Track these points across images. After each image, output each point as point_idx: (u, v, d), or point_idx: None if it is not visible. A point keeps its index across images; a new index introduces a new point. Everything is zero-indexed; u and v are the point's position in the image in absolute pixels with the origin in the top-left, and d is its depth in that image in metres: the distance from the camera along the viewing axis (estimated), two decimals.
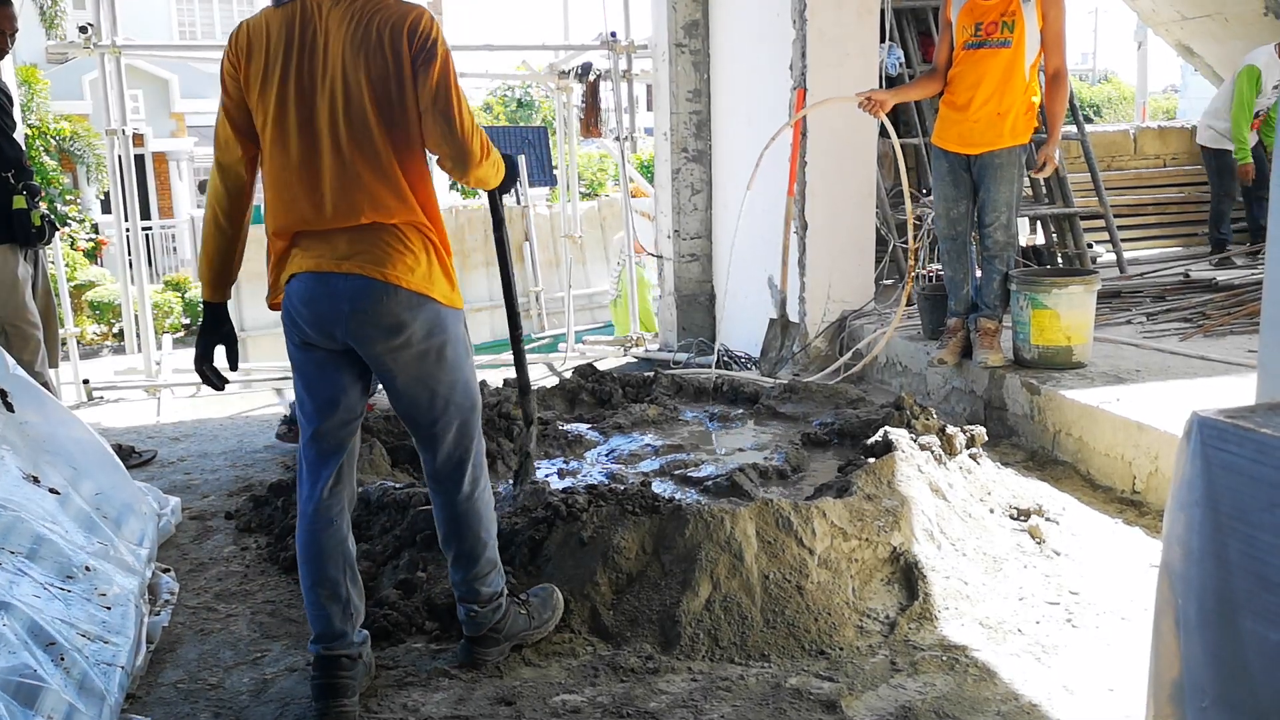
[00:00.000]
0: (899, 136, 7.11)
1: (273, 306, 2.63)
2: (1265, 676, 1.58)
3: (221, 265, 2.65)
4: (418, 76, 2.44)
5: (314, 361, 2.59)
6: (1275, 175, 2.46)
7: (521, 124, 24.16)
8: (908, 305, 5.78)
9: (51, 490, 3.10)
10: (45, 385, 4.29)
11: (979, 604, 3.05)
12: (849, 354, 5.78)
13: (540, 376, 6.69)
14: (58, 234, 4.59)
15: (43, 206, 4.41)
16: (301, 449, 2.65)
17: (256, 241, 2.67)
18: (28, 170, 4.42)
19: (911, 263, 5.67)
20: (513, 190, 3.07)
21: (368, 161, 2.45)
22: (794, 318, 6.03)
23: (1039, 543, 3.43)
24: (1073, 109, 7.12)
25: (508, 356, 8.98)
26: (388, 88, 2.44)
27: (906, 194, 5.54)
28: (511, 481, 3.50)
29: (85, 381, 6.68)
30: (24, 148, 4.52)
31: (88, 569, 2.84)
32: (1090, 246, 7.28)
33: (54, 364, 4.66)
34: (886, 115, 5.04)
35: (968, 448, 3.85)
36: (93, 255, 17.48)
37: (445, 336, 2.57)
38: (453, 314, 2.61)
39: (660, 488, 3.72)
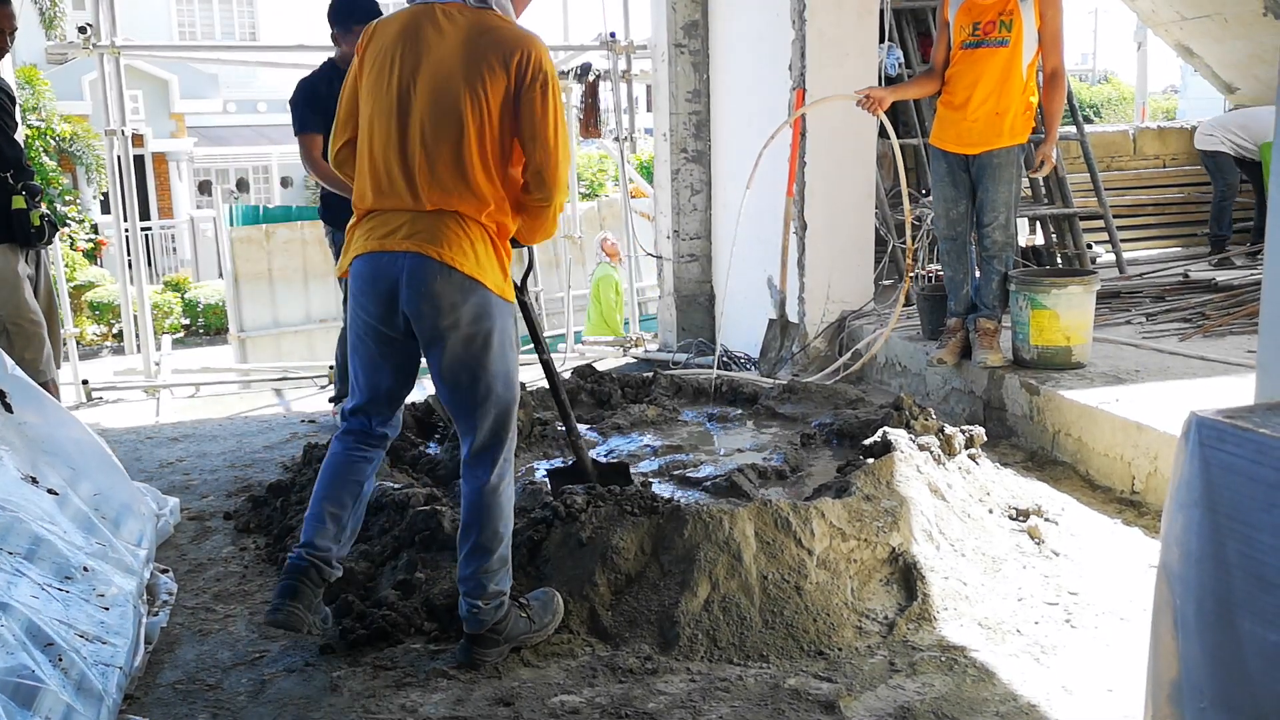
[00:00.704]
0: (899, 137, 7.14)
1: (341, 276, 2.93)
2: (1264, 677, 1.58)
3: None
4: (521, 98, 2.67)
5: (374, 342, 2.78)
6: (1275, 177, 2.46)
7: None
8: (906, 305, 5.78)
9: (50, 491, 3.10)
10: (49, 385, 4.28)
11: (978, 604, 3.05)
12: (848, 355, 5.78)
13: (539, 377, 6.68)
14: (58, 234, 4.57)
15: (43, 207, 4.40)
16: (344, 413, 2.90)
17: (255, 242, 2.67)
18: (27, 170, 4.41)
19: (909, 262, 5.67)
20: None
21: (449, 155, 2.65)
22: (793, 318, 6.03)
23: (1038, 543, 3.42)
24: (1072, 109, 7.12)
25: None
26: (483, 95, 2.65)
27: (904, 195, 5.54)
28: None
29: (84, 382, 6.68)
30: (24, 148, 4.51)
31: (86, 570, 2.84)
32: (1090, 247, 7.28)
33: (55, 365, 4.66)
34: (886, 116, 5.04)
35: (967, 448, 3.85)
36: (92, 256, 17.49)
37: (493, 324, 2.70)
38: (502, 304, 2.73)
39: (659, 488, 3.72)
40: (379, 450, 2.91)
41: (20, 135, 4.51)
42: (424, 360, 2.80)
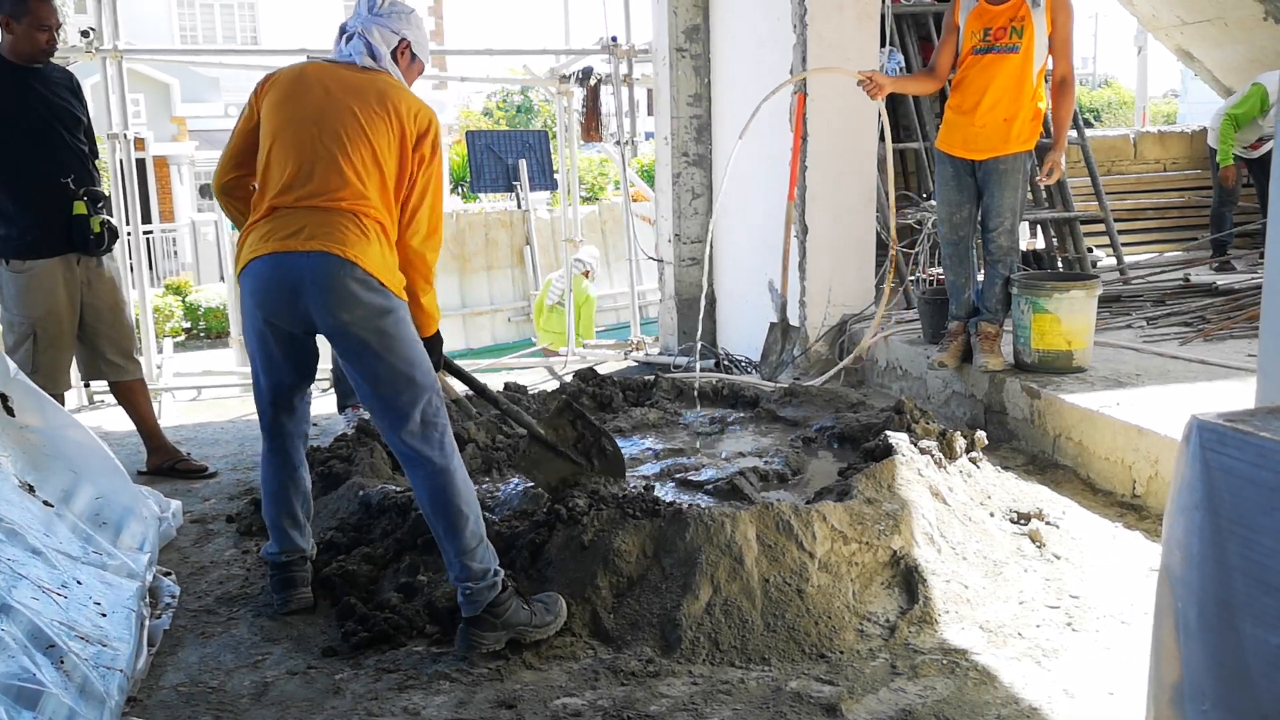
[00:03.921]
0: (901, 140, 7.15)
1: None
2: (1265, 680, 1.58)
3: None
4: (414, 158, 2.92)
5: (275, 342, 2.97)
6: (1275, 178, 2.47)
7: (522, 128, 24.18)
8: (908, 308, 5.78)
9: (46, 503, 3.09)
10: (60, 397, 4.24)
11: (979, 608, 3.06)
12: (850, 357, 5.78)
13: (541, 380, 6.69)
14: (118, 241, 4.50)
15: (104, 213, 4.34)
16: (259, 413, 3.11)
17: None
18: (92, 175, 4.35)
19: (893, 250, 5.68)
20: (515, 193, 3.39)
21: (345, 160, 2.83)
22: (794, 322, 6.03)
23: (1039, 546, 3.43)
24: (1073, 113, 7.12)
25: (508, 361, 9.01)
26: (380, 126, 2.88)
27: (890, 198, 5.54)
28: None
29: (86, 385, 6.67)
30: (90, 150, 4.43)
31: (79, 583, 2.84)
32: (1090, 251, 7.28)
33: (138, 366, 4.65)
34: (886, 121, 5.04)
35: (968, 451, 3.85)
36: None
37: (397, 316, 2.83)
38: (400, 300, 2.87)
39: (661, 491, 3.73)
40: (299, 443, 3.17)
41: (88, 134, 4.41)
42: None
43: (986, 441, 4.01)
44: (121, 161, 6.80)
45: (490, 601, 2.79)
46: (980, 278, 4.91)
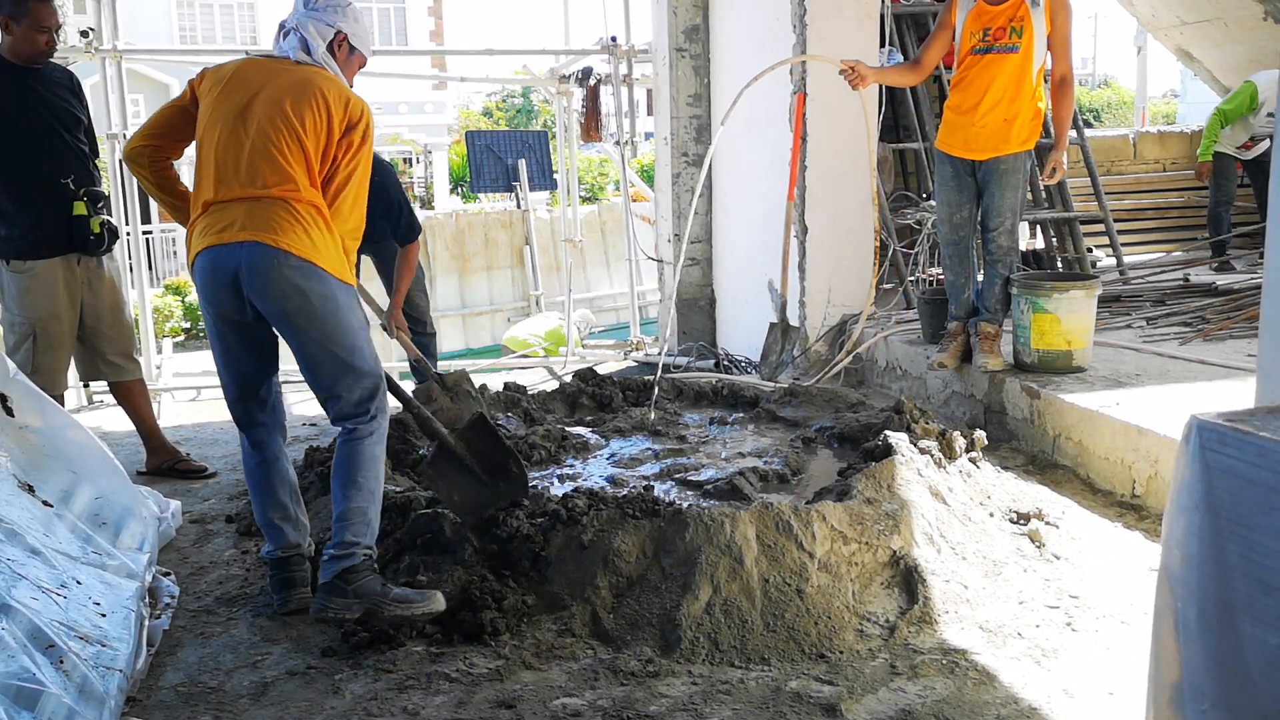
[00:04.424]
0: (900, 140, 7.15)
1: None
2: (1265, 680, 1.58)
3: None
4: (341, 144, 2.98)
5: (230, 333, 3.02)
6: (1275, 179, 2.47)
7: (521, 128, 24.18)
8: (908, 308, 5.77)
9: (45, 503, 3.09)
10: (59, 398, 4.24)
11: (979, 608, 3.06)
12: (849, 358, 5.78)
13: (541, 380, 6.69)
14: (118, 241, 4.50)
15: (104, 214, 4.33)
16: (230, 409, 3.15)
17: None
18: (92, 175, 4.34)
19: (876, 245, 5.69)
20: (515, 194, 3.45)
21: (277, 149, 2.90)
22: (794, 322, 6.03)
23: (1039, 546, 3.43)
24: (1072, 114, 7.12)
25: (508, 361, 9.00)
26: (312, 115, 2.94)
27: (873, 199, 5.54)
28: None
29: (85, 385, 6.67)
30: (90, 150, 4.42)
31: (79, 583, 2.84)
32: (1090, 251, 7.28)
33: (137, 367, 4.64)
34: (880, 120, 5.04)
35: (967, 452, 3.85)
36: None
37: (336, 302, 2.90)
38: (341, 285, 2.93)
39: (661, 491, 3.73)
40: (276, 435, 3.19)
41: (88, 134, 4.40)
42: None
43: (986, 441, 4.01)
44: (120, 162, 6.80)
45: (344, 569, 2.86)
46: (980, 278, 4.91)
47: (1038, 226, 7.38)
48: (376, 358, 3.05)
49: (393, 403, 3.33)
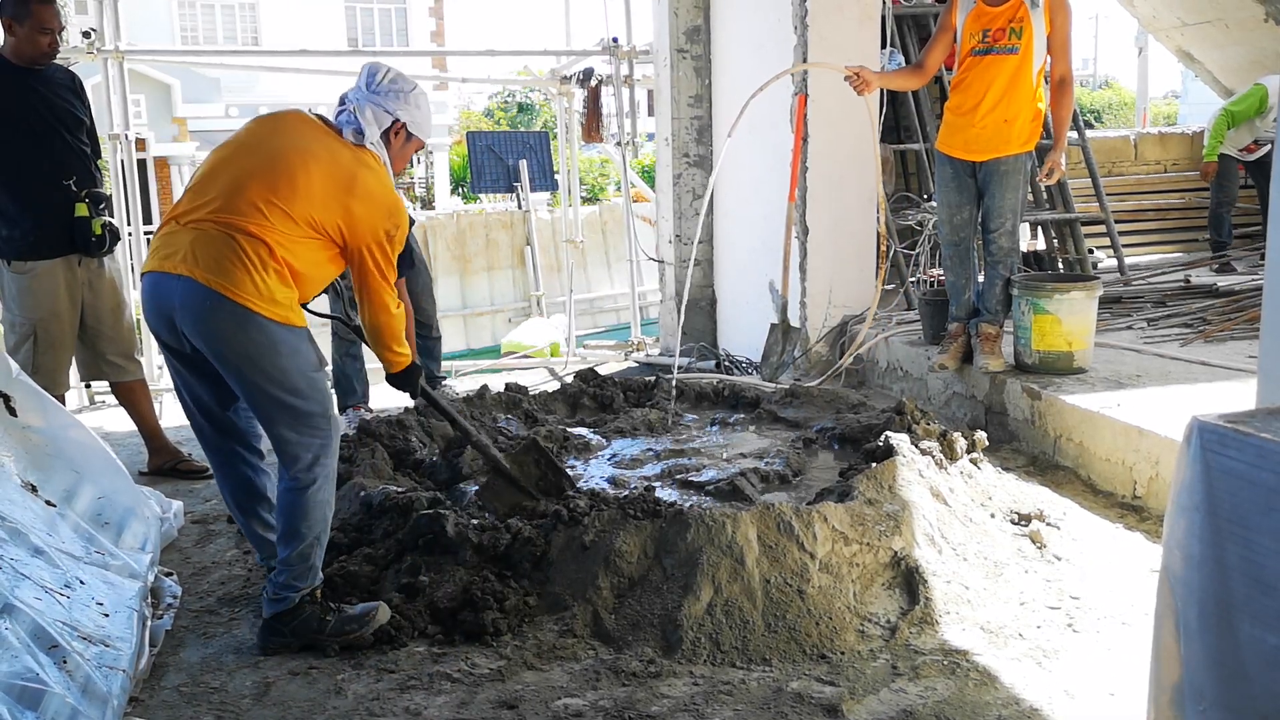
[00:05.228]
0: (901, 141, 7.15)
1: None
2: (1263, 680, 1.58)
3: None
4: (370, 250, 2.89)
5: (176, 360, 2.90)
6: (1275, 180, 2.47)
7: (523, 129, 24.20)
8: (908, 309, 5.77)
9: (48, 503, 3.10)
10: (60, 398, 4.25)
11: (980, 608, 3.06)
12: (851, 358, 5.78)
13: (542, 381, 6.69)
14: (119, 243, 4.50)
15: (106, 215, 4.34)
16: (194, 430, 3.03)
17: None
18: (93, 176, 4.34)
19: (882, 248, 5.69)
20: (516, 194, 3.37)
21: (265, 189, 2.75)
22: (795, 322, 6.04)
23: (1040, 547, 3.43)
24: (1073, 114, 7.12)
25: (509, 361, 9.01)
26: (318, 203, 2.81)
27: (879, 201, 5.55)
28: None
29: (87, 385, 6.67)
30: (92, 151, 4.42)
31: (82, 583, 2.84)
32: (1091, 252, 7.29)
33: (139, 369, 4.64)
34: (881, 121, 5.04)
35: (968, 452, 3.85)
36: None
37: (273, 349, 2.75)
38: (280, 328, 2.76)
39: (662, 492, 3.73)
40: (251, 453, 3.05)
41: (90, 135, 4.41)
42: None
43: (987, 442, 4.02)
44: (123, 162, 6.80)
45: (277, 613, 2.88)
46: (981, 279, 4.92)
47: (1039, 228, 7.39)
48: (327, 395, 2.91)
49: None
